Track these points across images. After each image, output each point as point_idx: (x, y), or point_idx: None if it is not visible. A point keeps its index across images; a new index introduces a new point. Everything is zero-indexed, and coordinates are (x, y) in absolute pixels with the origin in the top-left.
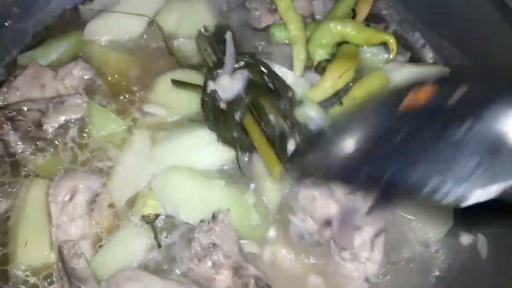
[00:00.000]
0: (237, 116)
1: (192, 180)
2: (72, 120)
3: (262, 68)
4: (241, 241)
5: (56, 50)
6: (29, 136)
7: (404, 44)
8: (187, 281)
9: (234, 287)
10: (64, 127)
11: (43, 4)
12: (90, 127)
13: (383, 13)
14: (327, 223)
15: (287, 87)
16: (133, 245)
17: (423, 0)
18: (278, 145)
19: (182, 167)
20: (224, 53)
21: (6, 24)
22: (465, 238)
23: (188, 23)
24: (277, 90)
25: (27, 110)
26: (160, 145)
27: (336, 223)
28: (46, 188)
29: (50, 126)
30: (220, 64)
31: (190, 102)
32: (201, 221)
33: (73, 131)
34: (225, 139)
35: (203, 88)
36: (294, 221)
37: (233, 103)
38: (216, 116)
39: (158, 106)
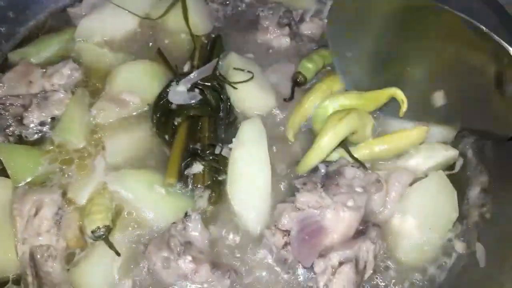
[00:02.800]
0: (176, 121)
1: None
2: (55, 117)
3: (222, 96)
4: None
5: (47, 48)
6: (8, 130)
7: None
8: None
9: (213, 278)
10: (45, 124)
11: (37, 7)
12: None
13: None
14: (287, 233)
15: (235, 119)
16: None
17: None
18: (186, 161)
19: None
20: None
21: (1, 29)
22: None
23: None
24: (225, 118)
25: (9, 104)
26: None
27: (294, 232)
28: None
29: (31, 121)
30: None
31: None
32: (174, 222)
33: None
34: (159, 135)
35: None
36: (265, 233)
37: (178, 110)
38: (162, 113)
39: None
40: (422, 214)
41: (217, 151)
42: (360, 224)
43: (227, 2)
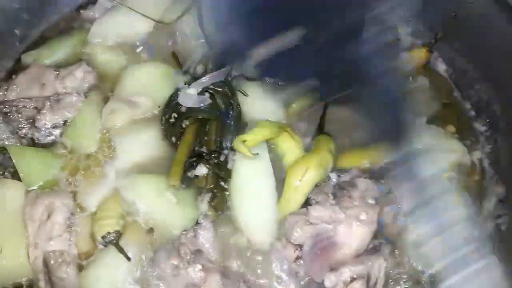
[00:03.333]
0: (183, 123)
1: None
2: (67, 120)
3: (232, 102)
4: None
5: (60, 50)
6: (20, 133)
7: None
8: None
9: None
10: (57, 127)
11: (51, 9)
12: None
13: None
14: (300, 247)
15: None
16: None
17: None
18: (190, 162)
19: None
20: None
21: (16, 31)
22: None
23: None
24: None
25: (23, 107)
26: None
27: (307, 247)
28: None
29: (43, 124)
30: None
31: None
32: (184, 230)
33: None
34: (167, 137)
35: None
36: (276, 245)
37: (186, 112)
38: (171, 115)
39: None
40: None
41: (222, 158)
42: (373, 239)
43: None
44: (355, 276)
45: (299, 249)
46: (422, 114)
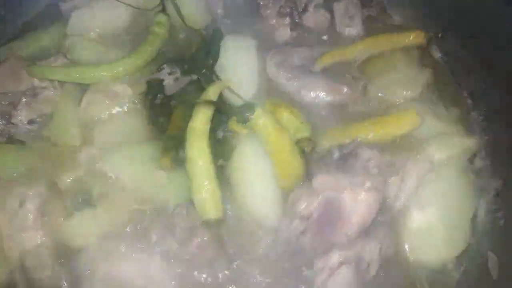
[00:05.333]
0: (172, 102)
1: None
2: (43, 116)
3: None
4: None
5: (37, 43)
6: None
7: None
8: None
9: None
10: (34, 122)
11: (29, 3)
12: None
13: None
14: (305, 218)
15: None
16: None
17: None
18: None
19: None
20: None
21: None
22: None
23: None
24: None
25: None
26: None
27: (314, 217)
28: None
29: (20, 120)
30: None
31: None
32: (178, 205)
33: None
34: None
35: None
36: (282, 223)
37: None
38: (155, 96)
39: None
40: (441, 208)
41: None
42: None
43: None
44: (343, 261)
45: (306, 221)
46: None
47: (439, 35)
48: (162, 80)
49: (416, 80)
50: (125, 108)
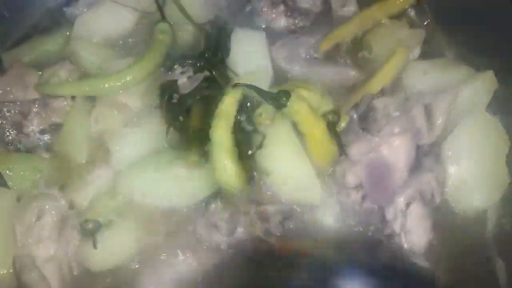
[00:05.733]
0: (188, 102)
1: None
2: (54, 126)
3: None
4: None
5: (42, 48)
6: (7, 139)
7: None
8: None
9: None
10: (45, 132)
11: (33, 6)
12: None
13: None
14: (359, 187)
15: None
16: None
17: None
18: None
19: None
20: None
21: None
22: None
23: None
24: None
25: (7, 111)
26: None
27: (366, 183)
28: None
29: (31, 130)
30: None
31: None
32: (207, 203)
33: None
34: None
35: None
36: (340, 199)
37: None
38: (171, 95)
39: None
40: (475, 156)
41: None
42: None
43: None
44: (409, 200)
45: (361, 190)
46: None
47: None
48: (176, 81)
49: (412, 40)
50: (136, 119)
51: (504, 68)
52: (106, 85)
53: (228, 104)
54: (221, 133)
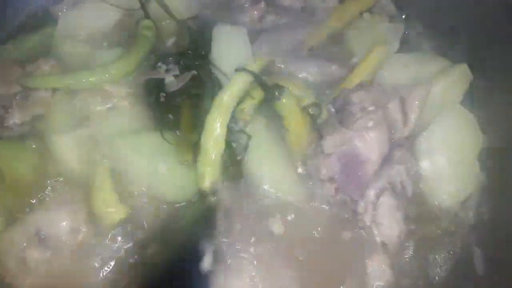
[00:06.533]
0: (177, 100)
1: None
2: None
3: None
4: None
5: (25, 45)
6: None
7: None
8: None
9: None
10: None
11: (18, 6)
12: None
13: None
14: (333, 179)
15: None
16: None
17: None
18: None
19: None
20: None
21: None
22: None
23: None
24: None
25: None
26: None
27: (338, 175)
28: None
29: (13, 123)
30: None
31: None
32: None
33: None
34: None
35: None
36: (315, 191)
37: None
38: (158, 94)
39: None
40: (449, 150)
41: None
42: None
43: None
44: (378, 192)
45: (334, 181)
46: None
47: None
48: (163, 79)
49: (391, 34)
50: (120, 105)
51: (480, 61)
52: (90, 79)
53: (228, 95)
54: (216, 122)
